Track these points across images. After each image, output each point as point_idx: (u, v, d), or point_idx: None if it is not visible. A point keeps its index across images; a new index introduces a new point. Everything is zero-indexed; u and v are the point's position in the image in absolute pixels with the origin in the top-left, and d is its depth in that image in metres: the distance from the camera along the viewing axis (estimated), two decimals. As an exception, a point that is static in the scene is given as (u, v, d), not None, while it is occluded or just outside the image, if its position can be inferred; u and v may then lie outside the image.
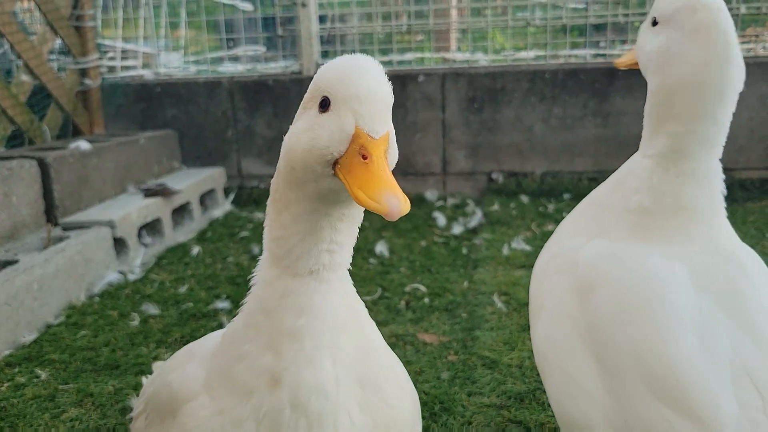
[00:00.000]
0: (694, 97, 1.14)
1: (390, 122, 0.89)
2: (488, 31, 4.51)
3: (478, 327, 2.42)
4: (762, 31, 4.30)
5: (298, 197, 0.92)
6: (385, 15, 4.49)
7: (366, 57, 0.91)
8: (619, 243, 1.20)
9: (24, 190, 2.98)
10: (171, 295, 2.84)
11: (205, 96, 4.45)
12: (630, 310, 1.11)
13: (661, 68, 1.18)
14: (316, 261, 0.94)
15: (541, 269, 1.36)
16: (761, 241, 3.23)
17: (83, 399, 2.03)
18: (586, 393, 1.12)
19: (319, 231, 0.93)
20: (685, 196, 1.18)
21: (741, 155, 4.02)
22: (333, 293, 0.95)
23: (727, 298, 1.09)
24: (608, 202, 1.28)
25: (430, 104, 4.29)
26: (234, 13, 4.64)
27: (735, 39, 1.13)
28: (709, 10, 1.12)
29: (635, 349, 1.07)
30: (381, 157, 0.84)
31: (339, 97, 0.86)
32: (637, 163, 1.26)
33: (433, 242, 3.47)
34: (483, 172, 4.34)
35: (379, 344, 1.04)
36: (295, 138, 0.90)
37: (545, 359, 1.25)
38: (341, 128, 0.85)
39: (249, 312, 0.98)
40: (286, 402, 0.91)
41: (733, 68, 1.13)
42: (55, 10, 3.85)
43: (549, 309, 1.25)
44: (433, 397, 1.95)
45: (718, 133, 1.17)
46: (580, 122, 4.17)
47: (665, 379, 1.03)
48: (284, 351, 0.92)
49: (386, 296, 2.76)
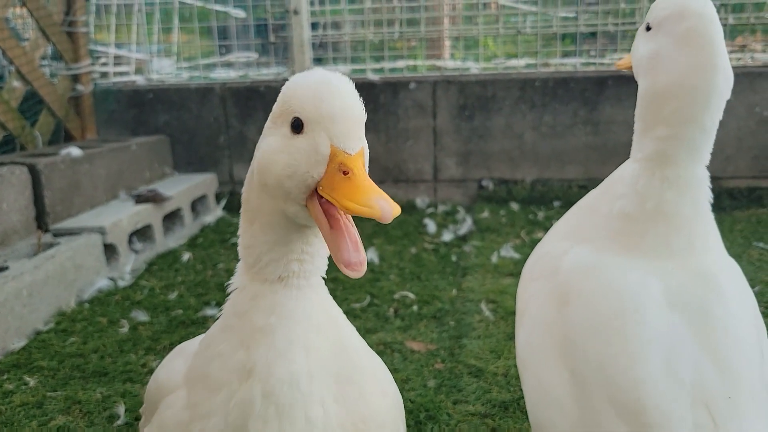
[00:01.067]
0: (681, 102, 1.14)
1: (363, 138, 0.91)
2: (479, 39, 4.54)
3: (466, 335, 2.44)
4: (750, 40, 4.34)
5: (270, 210, 0.94)
6: (377, 22, 4.52)
7: (335, 74, 0.91)
8: (600, 252, 1.20)
9: (15, 197, 2.99)
10: (161, 302, 2.85)
11: (197, 102, 4.46)
12: (601, 325, 1.12)
13: (650, 72, 1.19)
14: (285, 269, 0.96)
15: (528, 271, 1.37)
16: (747, 249, 3.27)
17: (71, 406, 2.04)
18: (557, 402, 1.14)
19: (290, 242, 0.95)
20: (666, 202, 1.17)
21: (729, 164, 4.06)
22: (304, 299, 0.97)
23: (698, 321, 1.10)
24: (596, 206, 1.28)
25: (421, 111, 4.32)
26: (227, 19, 4.66)
27: (723, 47, 1.14)
28: (698, 18, 1.13)
29: (603, 365, 1.09)
30: (361, 169, 0.86)
31: (312, 119, 0.87)
32: (626, 168, 1.26)
33: (423, 249, 3.49)
34: (473, 180, 4.36)
35: (358, 346, 1.05)
36: (272, 159, 0.90)
37: (524, 365, 1.27)
38: (317, 151, 0.86)
39: (225, 316, 1.01)
40: (257, 392, 0.92)
41: (720, 76, 1.13)
42: (48, 16, 3.86)
43: (531, 314, 1.26)
44: (419, 405, 1.96)
45: (704, 140, 1.17)
46: (570, 130, 4.20)
47: (627, 397, 1.04)
48: (256, 346, 0.94)
49: (375, 303, 2.78)
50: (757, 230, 3.54)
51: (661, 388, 1.03)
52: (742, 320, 1.13)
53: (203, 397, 0.97)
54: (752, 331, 1.13)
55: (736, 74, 1.12)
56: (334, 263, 0.87)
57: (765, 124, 4.00)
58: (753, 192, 4.03)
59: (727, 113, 1.18)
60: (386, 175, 4.42)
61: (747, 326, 1.13)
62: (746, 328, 1.12)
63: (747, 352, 1.10)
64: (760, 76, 3.98)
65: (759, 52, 4.22)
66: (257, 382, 0.92)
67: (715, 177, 1.22)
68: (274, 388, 0.92)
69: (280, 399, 0.92)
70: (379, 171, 4.41)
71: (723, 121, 1.19)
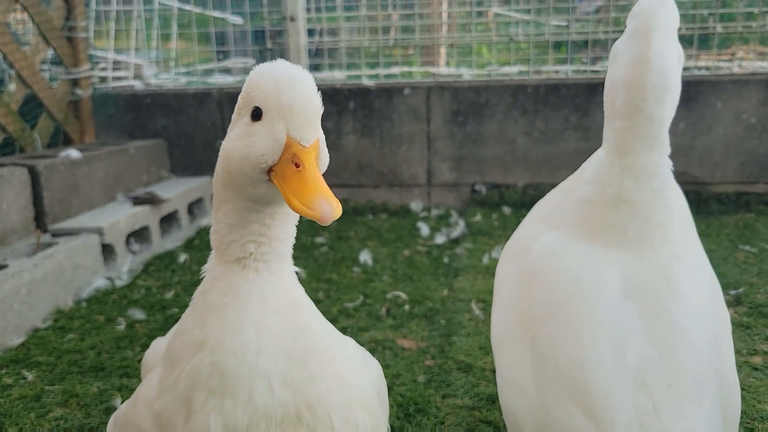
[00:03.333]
0: (626, 95, 1.20)
1: (320, 129, 0.96)
2: (473, 46, 4.62)
3: (456, 333, 2.49)
4: (742, 49, 4.43)
5: (233, 197, 1.00)
6: (373, 30, 4.60)
7: (297, 67, 0.96)
8: (567, 239, 1.26)
9: (14, 197, 3.04)
10: (157, 301, 2.90)
11: (194, 106, 4.53)
12: (557, 309, 1.18)
13: (609, 67, 1.27)
14: (242, 250, 1.01)
15: (505, 253, 1.43)
16: (734, 252, 3.33)
17: (68, 399, 2.08)
18: (520, 384, 1.19)
19: (248, 224, 1.00)
20: (624, 189, 1.22)
21: (717, 170, 4.13)
22: (262, 281, 1.00)
23: (649, 312, 1.15)
24: (568, 191, 1.34)
25: (415, 117, 4.39)
26: (225, 26, 4.73)
27: (661, 43, 1.18)
28: (643, 16, 1.19)
29: (556, 348, 1.15)
30: (312, 163, 0.90)
31: (271, 108, 0.92)
32: (595, 156, 1.33)
33: (416, 251, 3.55)
34: (467, 184, 4.43)
35: (319, 332, 1.05)
36: (232, 145, 0.96)
37: (495, 346, 1.32)
38: (274, 138, 0.91)
39: (193, 296, 1.06)
40: (205, 362, 0.95)
41: (652, 70, 1.18)
42: (48, 21, 3.93)
43: (501, 296, 1.32)
44: (409, 399, 2.01)
45: (655, 130, 1.21)
46: (561, 136, 4.28)
47: (576, 380, 1.10)
48: (209, 322, 0.98)
49: (368, 303, 2.83)
50: (744, 234, 3.60)
51: (607, 371, 1.09)
52: (694, 314, 1.17)
53: (167, 372, 1.02)
54: (705, 324, 1.18)
55: (724, 82, 1.17)
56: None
57: (752, 131, 4.08)
58: (740, 197, 4.09)
59: (715, 120, 1.25)
60: (381, 179, 4.48)
61: (698, 319, 1.17)
62: (697, 321, 1.17)
63: (694, 342, 1.15)
64: (747, 84, 4.06)
65: (746, 60, 4.31)
66: (206, 354, 0.95)
67: (703, 182, 1.28)
68: (220, 359, 0.94)
69: (226, 369, 0.94)
70: (374, 175, 4.48)
71: (711, 128, 1.25)
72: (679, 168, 3.99)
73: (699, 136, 4.10)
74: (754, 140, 4.10)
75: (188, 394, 0.95)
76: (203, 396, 0.94)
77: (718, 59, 4.34)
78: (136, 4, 4.71)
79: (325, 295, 2.93)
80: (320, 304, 2.83)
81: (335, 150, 4.43)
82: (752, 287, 2.85)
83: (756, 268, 3.09)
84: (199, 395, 0.94)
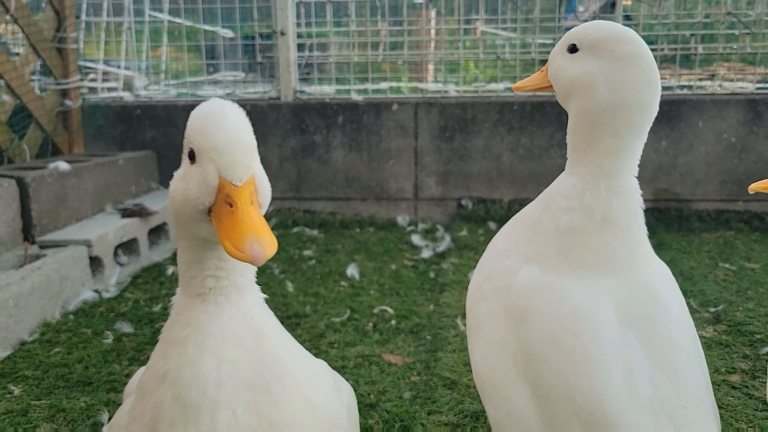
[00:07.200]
0: (629, 115, 1.21)
1: (254, 164, 0.95)
2: (461, 63, 4.68)
3: (441, 349, 2.53)
4: (724, 68, 4.53)
5: (185, 234, 1.02)
6: (362, 45, 4.65)
7: (223, 104, 0.96)
8: (550, 272, 1.24)
9: (2, 209, 3.04)
10: (145, 314, 2.91)
11: (184, 118, 4.45)
12: (561, 344, 1.16)
13: (589, 91, 1.23)
14: (201, 285, 1.02)
15: (476, 289, 1.38)
16: (714, 270, 3.40)
17: (55, 414, 2.09)
18: (522, 418, 1.18)
19: (204, 260, 1.02)
20: (612, 210, 1.23)
21: (698, 188, 4.21)
22: (222, 313, 1.01)
23: (647, 335, 1.16)
24: (539, 223, 1.32)
25: (403, 132, 4.44)
26: (215, 39, 4.76)
27: (656, 66, 1.24)
28: (635, 43, 1.22)
29: (566, 383, 1.12)
30: (245, 203, 0.89)
31: (200, 150, 0.93)
32: (564, 184, 1.30)
33: (403, 266, 3.59)
34: (453, 199, 4.48)
35: (284, 358, 1.06)
36: (174, 186, 0.99)
37: (484, 383, 1.29)
38: (206, 181, 0.92)
39: (162, 330, 1.09)
40: (168, 395, 0.98)
41: (658, 91, 1.23)
42: (38, 32, 3.94)
43: (486, 333, 1.29)
44: (395, 416, 2.04)
45: (640, 150, 1.26)
46: (546, 152, 4.35)
47: (593, 414, 1.09)
48: (170, 355, 1.00)
49: (355, 318, 2.86)
50: (724, 251, 3.68)
51: (625, 402, 1.09)
52: (682, 328, 1.20)
53: (137, 402, 1.06)
54: (690, 337, 1.22)
55: (705, 102, 1.21)
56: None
57: (732, 149, 4.17)
58: (721, 215, 4.18)
59: (697, 139, 1.30)
60: (368, 193, 4.53)
61: (686, 333, 1.21)
62: (685, 335, 1.20)
63: (690, 359, 1.18)
64: (727, 104, 4.15)
65: (727, 81, 4.41)
66: (168, 387, 0.98)
67: (684, 200, 1.31)
68: (181, 391, 0.97)
69: (187, 401, 0.96)
70: (362, 189, 4.52)
71: (693, 147, 1.30)
72: (661, 185, 4.09)
73: (680, 154, 4.19)
74: (734, 159, 4.20)
75: (153, 426, 0.99)
76: (167, 426, 0.97)
77: (700, 78, 4.44)
78: (127, 15, 4.74)
79: (312, 310, 2.96)
80: (308, 318, 2.85)
81: (324, 164, 4.47)
82: (731, 305, 2.91)
83: (735, 286, 3.16)
84: (163, 426, 0.97)
